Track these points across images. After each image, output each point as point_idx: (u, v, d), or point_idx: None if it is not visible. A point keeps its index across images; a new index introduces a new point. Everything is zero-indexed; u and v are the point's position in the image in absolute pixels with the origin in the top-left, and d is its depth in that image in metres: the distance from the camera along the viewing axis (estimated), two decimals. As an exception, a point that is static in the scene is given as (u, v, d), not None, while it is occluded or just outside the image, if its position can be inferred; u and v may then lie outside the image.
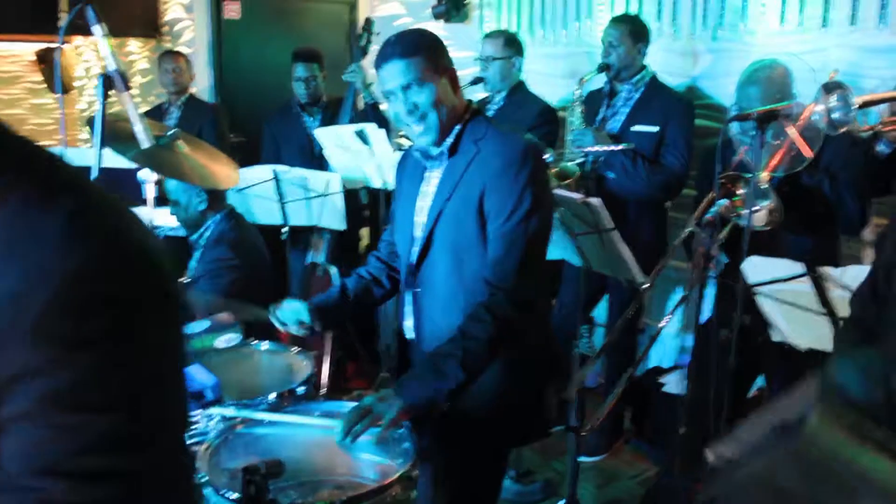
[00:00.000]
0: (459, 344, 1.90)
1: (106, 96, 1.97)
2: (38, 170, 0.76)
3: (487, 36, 3.97)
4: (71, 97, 9.61)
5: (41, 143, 0.81)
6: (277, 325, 2.30)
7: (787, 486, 0.75)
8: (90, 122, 2.58)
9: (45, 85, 9.24)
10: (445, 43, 2.09)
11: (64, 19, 5.99)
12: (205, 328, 2.07)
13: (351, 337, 4.38)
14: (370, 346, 4.53)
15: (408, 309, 2.19)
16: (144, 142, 2.03)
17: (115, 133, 2.33)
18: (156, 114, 4.92)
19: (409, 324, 2.21)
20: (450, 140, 2.04)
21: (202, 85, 5.50)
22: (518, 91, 3.88)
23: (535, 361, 2.15)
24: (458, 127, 2.04)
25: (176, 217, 3.26)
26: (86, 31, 6.02)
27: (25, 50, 9.30)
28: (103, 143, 2.02)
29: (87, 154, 4.81)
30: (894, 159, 2.59)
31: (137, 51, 6.93)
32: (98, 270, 0.72)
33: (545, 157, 2.71)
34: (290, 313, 2.29)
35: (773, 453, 0.77)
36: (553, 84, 4.54)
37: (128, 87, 1.98)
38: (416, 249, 2.12)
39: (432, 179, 2.12)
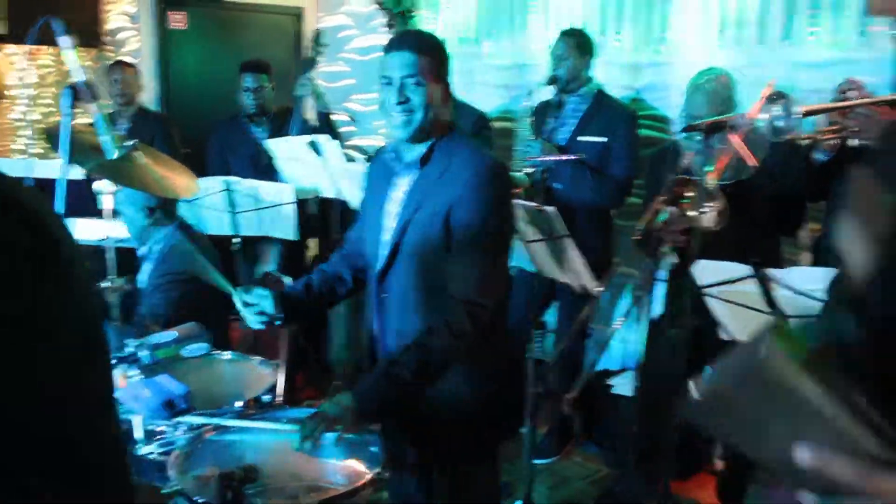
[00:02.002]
0: (413, 352, 1.95)
1: (73, 106, 1.97)
2: None
3: None
4: (2, 106, 9.36)
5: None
6: (239, 306, 2.28)
7: (739, 403, 0.83)
8: (48, 132, 2.57)
9: (-27, 94, 8.99)
10: None
11: (2, 27, 5.90)
12: (172, 338, 2.07)
13: (301, 346, 4.38)
14: (320, 354, 4.54)
15: (373, 313, 2.23)
16: (111, 152, 2.02)
17: (73, 143, 2.32)
18: (102, 125, 4.85)
19: (375, 327, 2.24)
20: (423, 150, 2.09)
21: (147, 95, 5.44)
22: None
23: (498, 367, 2.21)
24: (433, 139, 2.09)
25: (127, 229, 3.24)
26: (20, 40, 5.88)
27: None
28: (69, 152, 2.01)
29: (16, 165, 4.74)
30: (830, 167, 2.76)
31: (78, 59, 6.81)
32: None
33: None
34: (255, 297, 2.28)
35: (731, 375, 0.86)
36: (492, 94, 4.64)
37: (95, 98, 1.98)
38: (383, 254, 2.16)
39: (401, 186, 2.16)
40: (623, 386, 3.51)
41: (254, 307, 2.23)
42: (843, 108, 2.50)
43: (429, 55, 2.04)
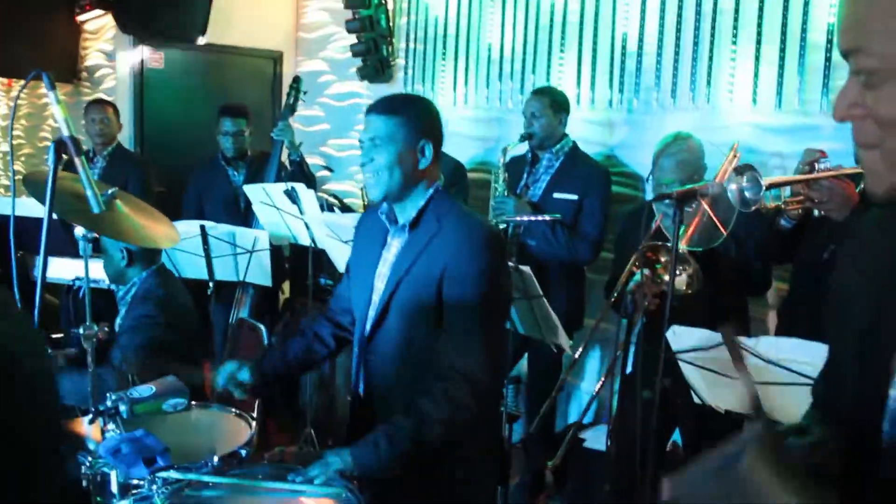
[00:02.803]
0: (415, 421, 1.96)
1: (58, 161, 1.99)
2: None
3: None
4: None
5: None
6: (217, 387, 2.33)
7: None
8: (27, 180, 2.58)
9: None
10: (367, 103, 2.22)
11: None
12: (150, 393, 2.07)
13: (272, 393, 4.37)
14: (293, 402, 4.53)
15: (359, 370, 2.24)
16: (95, 207, 2.04)
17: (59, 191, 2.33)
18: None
19: (361, 384, 2.26)
20: (412, 213, 2.12)
21: (123, 133, 5.45)
22: None
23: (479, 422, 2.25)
24: (421, 202, 2.12)
25: (105, 271, 3.24)
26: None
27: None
28: (51, 207, 2.03)
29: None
30: (794, 231, 2.86)
31: (64, 113, 6.81)
32: None
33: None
34: (229, 376, 2.32)
35: (713, 485, 0.91)
36: (467, 145, 4.73)
37: (80, 153, 2.00)
38: (372, 314, 2.17)
39: (393, 247, 2.18)
40: (596, 440, 3.55)
41: (231, 380, 2.27)
42: (807, 180, 2.61)
43: (398, 117, 2.07)
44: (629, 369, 2.75)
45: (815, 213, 2.71)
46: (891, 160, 0.89)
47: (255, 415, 2.60)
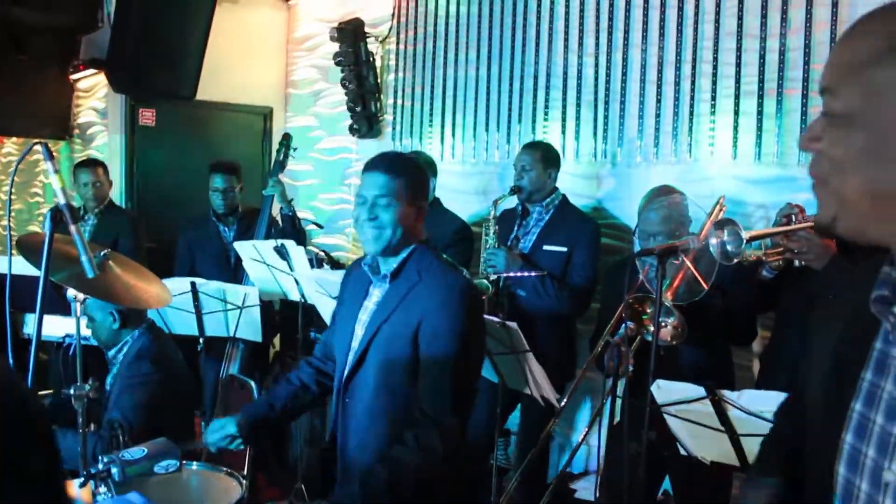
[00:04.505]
0: (386, 465, 2.03)
1: (54, 229, 2.03)
2: None
3: None
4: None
5: None
6: (210, 449, 2.35)
7: None
8: (21, 244, 2.62)
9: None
10: (356, 157, 2.30)
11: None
12: (142, 455, 2.09)
13: (263, 447, 4.36)
14: (283, 456, 4.51)
15: (338, 416, 2.29)
16: (90, 272, 2.08)
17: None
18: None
19: (338, 430, 2.31)
20: (394, 265, 2.20)
21: (114, 190, 5.51)
22: (433, 209, 4.06)
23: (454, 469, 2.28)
24: (403, 254, 2.20)
25: (92, 334, 3.25)
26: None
27: None
28: (47, 272, 2.07)
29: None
30: (775, 281, 2.92)
31: (61, 184, 6.90)
32: None
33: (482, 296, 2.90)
34: (218, 432, 2.35)
35: None
36: (459, 199, 4.79)
37: (75, 220, 2.05)
38: (350, 359, 2.24)
39: (374, 296, 2.26)
40: (586, 490, 3.56)
41: (219, 433, 2.30)
42: (786, 231, 2.67)
43: (402, 178, 2.17)
44: (616, 419, 2.78)
45: (796, 263, 2.77)
46: (833, 195, 0.96)
47: (245, 472, 2.62)
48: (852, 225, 0.96)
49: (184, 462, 2.46)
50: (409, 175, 2.19)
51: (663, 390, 2.27)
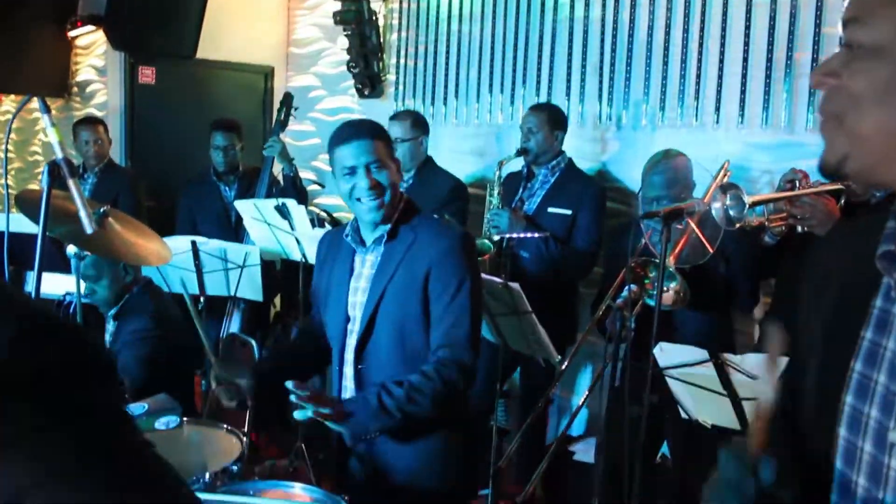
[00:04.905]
0: (405, 392, 2.04)
1: (52, 183, 2.01)
2: None
3: (394, 117, 4.10)
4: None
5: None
6: (212, 382, 2.31)
7: None
8: (20, 199, 2.60)
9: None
10: (358, 118, 2.31)
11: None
12: (143, 411, 2.09)
13: (262, 407, 4.37)
14: (283, 415, 4.52)
15: (348, 385, 2.28)
16: (88, 228, 2.06)
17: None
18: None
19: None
20: (386, 227, 2.20)
21: (114, 149, 5.47)
22: (426, 168, 4.04)
23: (460, 426, 2.29)
24: (395, 215, 2.21)
25: (94, 294, 3.23)
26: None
27: None
28: (45, 227, 2.04)
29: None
30: (778, 247, 2.90)
31: (58, 137, 6.84)
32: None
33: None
34: (230, 373, 2.33)
35: None
36: (462, 160, 4.76)
37: (74, 175, 2.03)
38: (355, 328, 2.23)
39: (367, 262, 2.26)
40: (585, 452, 3.57)
41: (228, 384, 2.28)
42: (789, 197, 2.64)
43: (380, 139, 2.17)
44: (616, 382, 2.77)
45: (799, 229, 2.75)
46: (847, 133, 0.93)
47: (245, 430, 2.62)
48: (863, 165, 0.93)
49: (185, 419, 2.48)
50: (382, 135, 2.21)
51: (666, 353, 2.27)
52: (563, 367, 2.68)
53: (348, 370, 2.26)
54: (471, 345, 2.14)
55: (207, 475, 2.18)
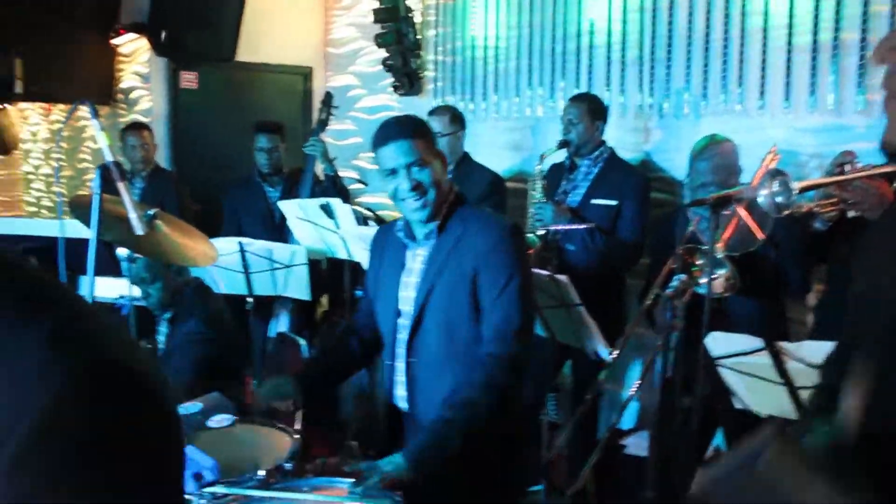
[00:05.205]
0: (465, 413, 2.04)
1: (103, 186, 2.05)
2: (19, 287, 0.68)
3: (432, 112, 4.13)
4: (13, 159, 9.51)
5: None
6: (261, 402, 2.37)
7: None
8: (73, 205, 2.65)
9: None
10: (398, 115, 2.30)
11: (19, 85, 6.02)
12: (197, 410, 2.12)
13: (314, 406, 4.41)
14: (334, 414, 4.56)
15: (399, 379, 2.29)
16: (138, 229, 2.10)
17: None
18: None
19: (401, 393, 2.30)
20: (437, 220, 2.20)
21: (159, 153, 5.55)
22: (464, 163, 4.06)
23: (512, 421, 2.28)
24: (444, 209, 2.20)
25: (148, 298, 3.26)
26: (36, 97, 5.98)
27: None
28: (98, 228, 2.08)
29: (25, 223, 4.79)
30: (828, 233, 2.83)
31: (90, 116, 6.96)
32: (78, 396, 0.64)
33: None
34: (273, 390, 2.37)
35: (736, 482, 0.93)
36: (498, 155, 4.75)
37: (123, 178, 2.06)
38: (405, 322, 2.24)
39: (417, 256, 2.26)
40: (637, 446, 3.53)
41: (275, 392, 2.33)
42: (839, 181, 2.58)
43: (420, 137, 2.16)
44: (668, 374, 2.74)
45: (850, 213, 2.68)
46: None
47: (297, 428, 2.64)
48: None
49: (237, 418, 2.50)
50: (423, 131, 2.20)
51: (718, 342, 2.23)
52: (612, 357, 2.64)
53: (400, 364, 2.28)
54: (521, 338, 2.12)
55: (261, 472, 2.19)
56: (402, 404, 2.32)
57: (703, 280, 2.53)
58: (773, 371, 2.14)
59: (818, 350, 2.03)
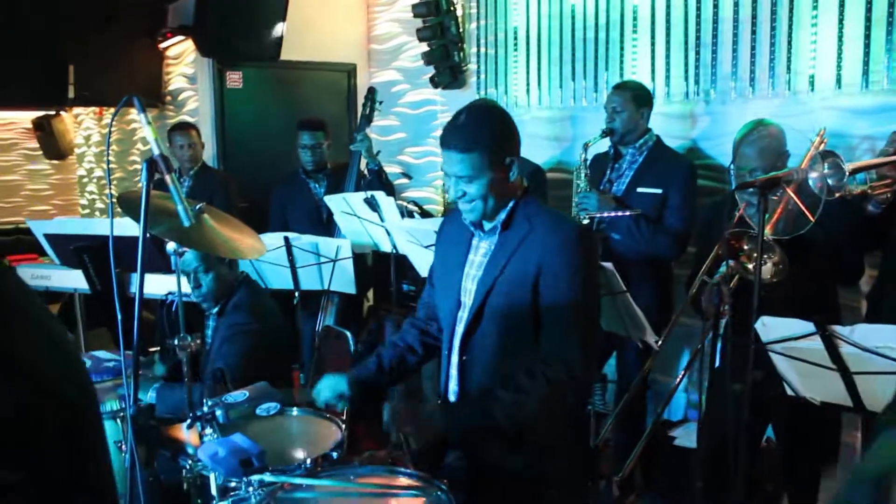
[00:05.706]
0: (513, 394, 2.02)
1: (150, 179, 2.07)
2: None
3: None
4: (68, 163, 9.77)
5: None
6: (318, 404, 2.38)
7: None
8: (122, 200, 2.69)
9: (41, 151, 9.39)
10: (441, 109, 2.25)
11: (71, 91, 6.17)
12: (244, 398, 2.14)
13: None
14: (380, 407, 4.58)
15: (453, 373, 2.27)
16: (186, 221, 2.13)
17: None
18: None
19: (453, 388, 2.28)
20: (503, 215, 2.15)
21: (206, 152, 5.64)
22: None
23: (564, 420, 2.26)
24: (511, 203, 2.15)
25: (199, 289, 3.30)
26: (87, 102, 6.13)
27: (22, 117, 9.47)
28: (146, 223, 2.11)
29: (78, 223, 4.88)
30: (882, 216, 2.75)
31: (155, 135, 7.12)
32: None
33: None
34: (329, 390, 2.37)
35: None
36: (540, 145, 4.72)
37: (170, 170, 2.09)
38: (464, 316, 2.21)
39: (481, 249, 2.22)
40: (685, 437, 3.49)
41: (331, 391, 2.33)
42: (892, 162, 2.50)
43: (478, 150, 2.06)
44: (716, 363, 2.69)
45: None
46: None
47: (344, 418, 2.66)
48: None
49: (284, 406, 2.53)
50: (484, 144, 2.06)
51: (769, 327, 2.18)
52: (659, 345, 2.61)
53: (454, 358, 2.25)
54: (581, 354, 2.05)
55: (308, 461, 2.21)
56: (453, 398, 2.30)
57: (752, 265, 2.48)
58: (826, 356, 2.08)
59: (873, 334, 1.98)
